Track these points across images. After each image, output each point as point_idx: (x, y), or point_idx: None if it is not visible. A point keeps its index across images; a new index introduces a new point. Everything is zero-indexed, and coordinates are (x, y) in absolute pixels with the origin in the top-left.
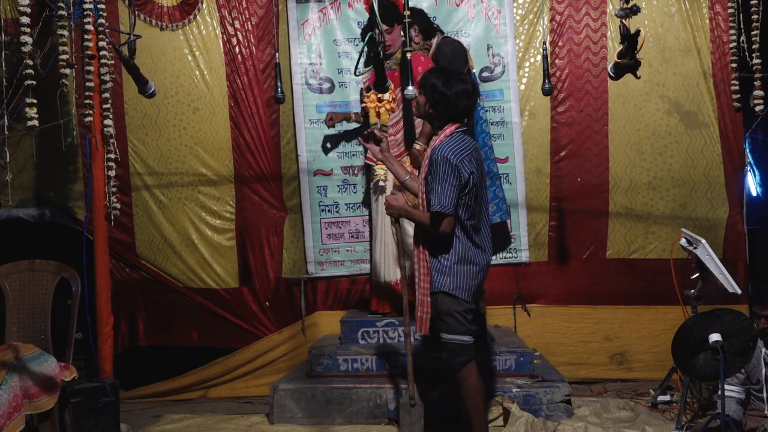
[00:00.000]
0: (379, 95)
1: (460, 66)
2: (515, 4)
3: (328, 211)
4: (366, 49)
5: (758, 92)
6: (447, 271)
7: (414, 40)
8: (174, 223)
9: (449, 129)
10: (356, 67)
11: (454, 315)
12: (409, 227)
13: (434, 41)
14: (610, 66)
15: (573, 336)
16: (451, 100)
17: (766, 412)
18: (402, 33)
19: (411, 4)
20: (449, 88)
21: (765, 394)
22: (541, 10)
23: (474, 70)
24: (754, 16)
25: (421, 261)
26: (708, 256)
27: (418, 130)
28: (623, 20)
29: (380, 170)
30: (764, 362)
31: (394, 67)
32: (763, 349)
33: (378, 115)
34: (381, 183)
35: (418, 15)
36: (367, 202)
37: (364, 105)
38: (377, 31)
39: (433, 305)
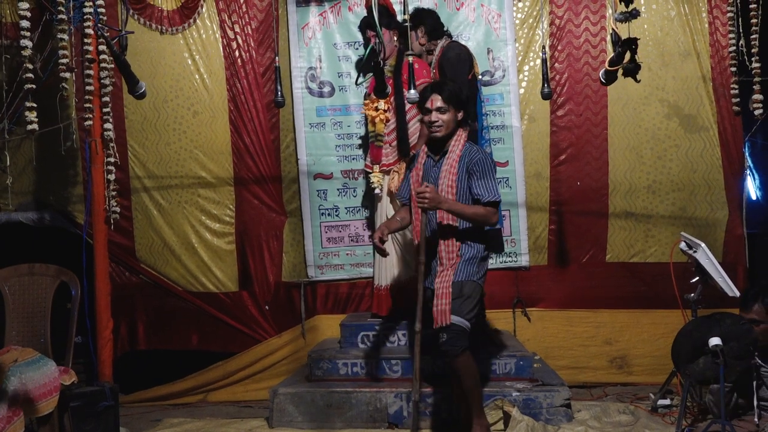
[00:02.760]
0: (376, 104)
1: (464, 72)
2: (515, 8)
3: (328, 214)
4: (366, 58)
5: (757, 96)
6: (477, 261)
7: (419, 41)
8: (174, 226)
9: (465, 133)
10: (357, 78)
11: (473, 298)
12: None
13: (440, 43)
14: (601, 72)
15: (573, 340)
16: (468, 103)
17: (755, 420)
18: (393, 38)
19: (411, 7)
20: (464, 92)
21: (756, 401)
22: (540, 14)
23: (479, 77)
24: (753, 20)
25: (450, 254)
26: (708, 259)
27: (413, 137)
28: (616, 26)
29: (375, 177)
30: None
31: (388, 74)
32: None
33: (374, 124)
34: (377, 191)
35: (428, 15)
36: (367, 206)
37: (363, 112)
38: (377, 42)
39: (456, 288)
